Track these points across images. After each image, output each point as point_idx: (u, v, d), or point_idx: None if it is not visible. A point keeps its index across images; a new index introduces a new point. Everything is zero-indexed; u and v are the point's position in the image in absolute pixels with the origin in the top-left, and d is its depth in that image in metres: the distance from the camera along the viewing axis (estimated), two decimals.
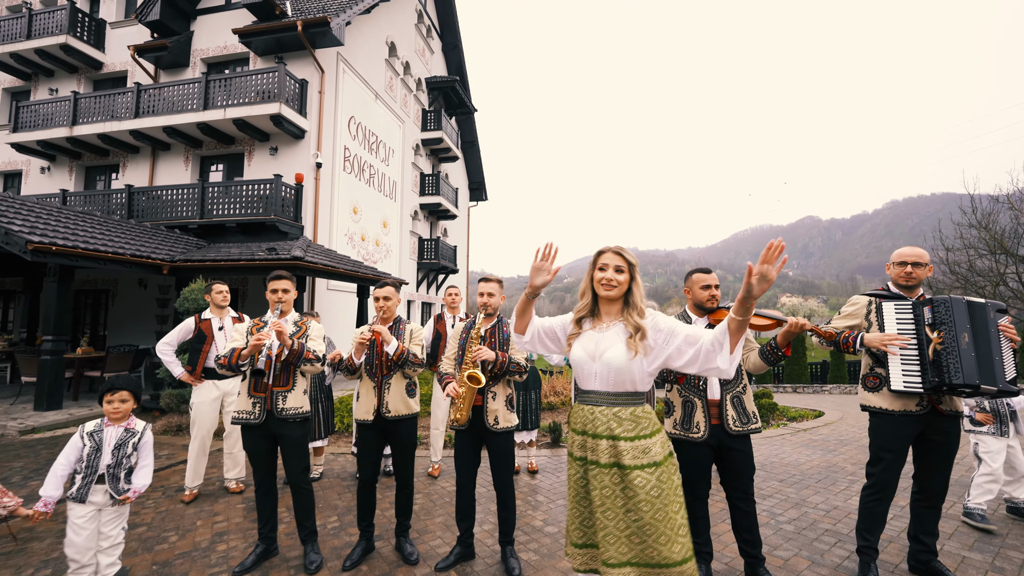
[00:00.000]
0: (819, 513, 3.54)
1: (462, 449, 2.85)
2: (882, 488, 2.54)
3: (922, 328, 2.41)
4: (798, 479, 4.35)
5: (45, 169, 13.01)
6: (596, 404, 1.81)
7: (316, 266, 8.04)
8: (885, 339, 2.42)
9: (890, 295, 2.62)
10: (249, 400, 2.86)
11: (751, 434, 2.48)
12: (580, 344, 1.86)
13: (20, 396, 7.57)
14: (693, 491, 2.55)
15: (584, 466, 1.81)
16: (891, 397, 2.50)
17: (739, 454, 2.44)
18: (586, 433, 1.81)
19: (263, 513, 2.94)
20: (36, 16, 12.50)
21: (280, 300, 2.97)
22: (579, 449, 1.84)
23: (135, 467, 2.54)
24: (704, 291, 2.59)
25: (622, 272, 1.82)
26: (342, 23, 11.05)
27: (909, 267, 2.55)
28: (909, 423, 2.47)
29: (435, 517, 3.59)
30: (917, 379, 2.39)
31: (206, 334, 4.07)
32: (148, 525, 3.50)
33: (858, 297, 2.74)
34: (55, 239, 6.32)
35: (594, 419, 1.79)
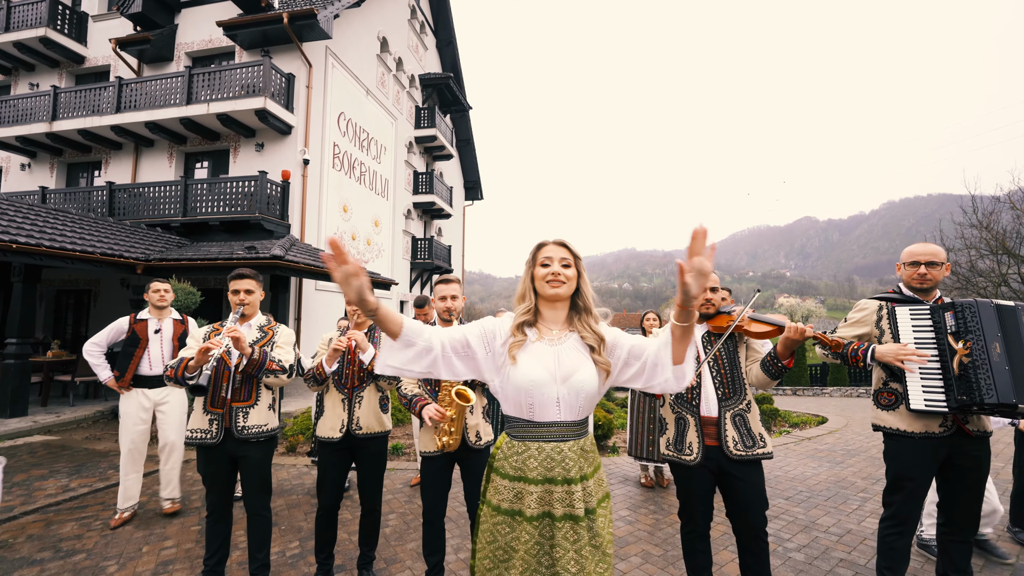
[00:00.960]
0: (831, 538, 3.21)
1: (433, 476, 2.47)
2: (903, 520, 2.21)
3: (944, 337, 2.08)
4: (805, 497, 4.02)
5: (26, 166, 12.63)
6: (563, 439, 1.43)
7: (298, 265, 7.69)
8: (901, 352, 2.09)
9: (904, 298, 2.29)
10: (205, 417, 2.52)
11: (761, 460, 2.13)
12: (532, 359, 1.42)
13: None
14: (691, 520, 2.23)
15: (548, 526, 1.39)
16: (910, 417, 2.17)
17: (744, 484, 2.08)
18: (553, 481, 1.41)
19: (212, 542, 2.58)
20: (15, 8, 12.12)
21: (242, 302, 2.62)
22: (538, 504, 1.39)
23: None
24: None
25: (569, 266, 1.49)
26: (330, 16, 10.71)
27: (923, 267, 2.22)
28: (932, 447, 2.14)
29: (407, 543, 3.25)
30: (940, 396, 2.06)
31: (140, 337, 3.66)
32: (88, 552, 3.15)
33: (867, 301, 2.41)
34: (16, 236, 5.96)
35: (563, 459, 1.41)
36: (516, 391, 1.41)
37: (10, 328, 6.50)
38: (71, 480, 4.55)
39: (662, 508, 3.77)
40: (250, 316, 2.72)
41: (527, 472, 1.41)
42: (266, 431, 2.61)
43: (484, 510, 1.48)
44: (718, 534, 3.24)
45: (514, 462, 1.43)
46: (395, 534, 3.39)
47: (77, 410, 7.01)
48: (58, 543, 3.28)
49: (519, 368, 1.40)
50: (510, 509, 1.41)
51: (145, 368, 3.67)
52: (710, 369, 2.21)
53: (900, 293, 2.33)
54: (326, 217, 11.64)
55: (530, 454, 1.42)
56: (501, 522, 1.42)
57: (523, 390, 1.40)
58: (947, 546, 2.20)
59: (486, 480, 1.51)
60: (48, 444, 5.77)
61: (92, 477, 4.66)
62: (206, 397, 2.53)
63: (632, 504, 3.89)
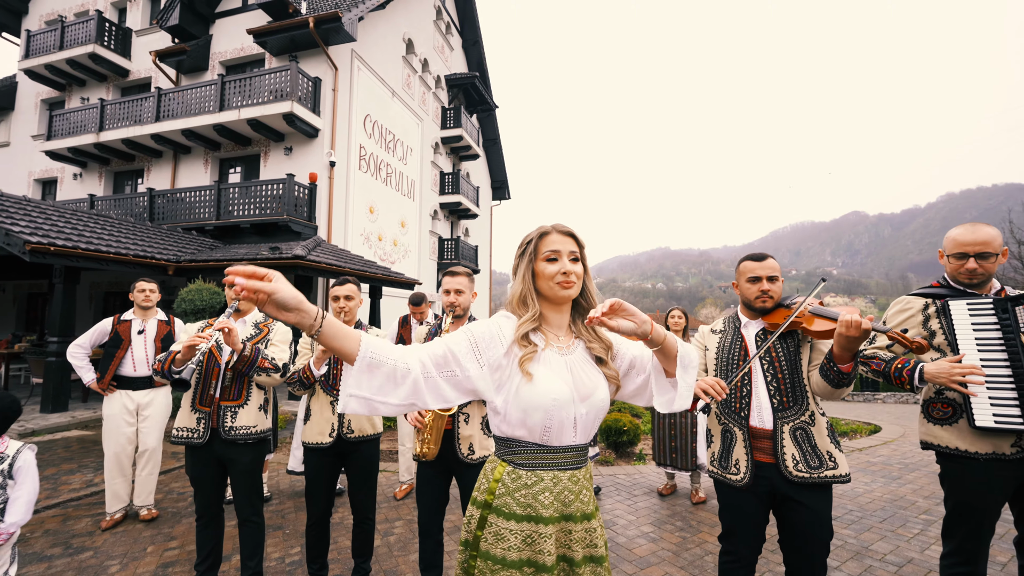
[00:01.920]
0: (888, 569, 2.78)
1: (426, 484, 2.29)
2: (967, 558, 1.80)
3: (1016, 337, 1.69)
4: (857, 517, 3.56)
5: (77, 176, 13.41)
6: (577, 466, 1.20)
7: (319, 265, 7.72)
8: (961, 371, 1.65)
9: (955, 291, 1.88)
10: (193, 415, 2.41)
11: (832, 483, 1.74)
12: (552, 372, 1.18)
13: (31, 397, 7.59)
14: (733, 548, 1.88)
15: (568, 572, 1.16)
16: (973, 435, 1.76)
17: (806, 511, 1.71)
18: (572, 518, 1.16)
19: (203, 547, 2.47)
20: (68, 28, 12.90)
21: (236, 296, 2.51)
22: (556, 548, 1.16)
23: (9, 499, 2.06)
24: (752, 285, 1.91)
25: (577, 261, 1.24)
26: (354, 18, 10.80)
27: (971, 261, 1.82)
28: (1001, 471, 1.73)
29: (410, 553, 3.06)
30: (1015, 411, 1.66)
31: (122, 338, 3.58)
32: (95, 550, 3.12)
33: (909, 299, 2.00)
34: (55, 240, 6.21)
35: (580, 491, 1.18)
36: (529, 411, 1.15)
37: (51, 328, 6.79)
38: (96, 475, 4.64)
39: (690, 525, 3.42)
40: (246, 312, 2.61)
41: (540, 509, 1.15)
42: (256, 433, 2.48)
43: (480, 565, 1.16)
44: None
45: (522, 497, 1.16)
46: (399, 543, 3.21)
47: None
48: (70, 539, 3.28)
49: (537, 385, 1.14)
50: (520, 560, 1.12)
51: (128, 369, 3.58)
52: (764, 373, 1.84)
53: (947, 286, 1.93)
54: (352, 218, 11.75)
55: (544, 486, 1.16)
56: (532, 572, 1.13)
57: (541, 409, 1.14)
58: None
59: (478, 526, 1.20)
60: (83, 439, 5.97)
61: (99, 475, 4.73)
62: (194, 394, 2.43)
63: (657, 519, 3.56)
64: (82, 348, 3.63)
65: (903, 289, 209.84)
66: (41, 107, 14.56)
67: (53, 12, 14.69)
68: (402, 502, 3.95)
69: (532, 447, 1.18)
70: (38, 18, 14.93)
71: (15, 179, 14.57)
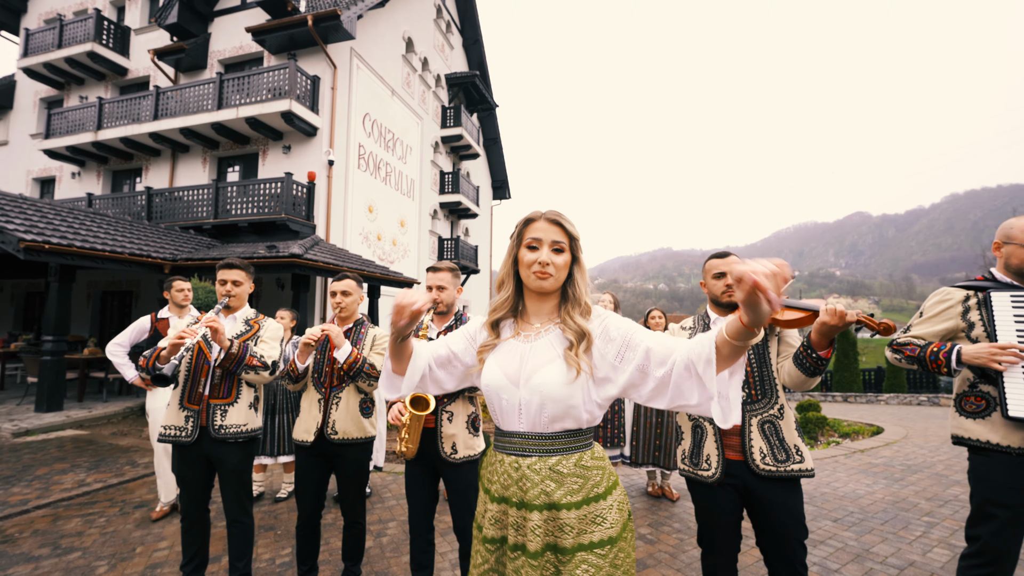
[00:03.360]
0: (890, 572, 2.71)
1: (413, 484, 2.24)
2: (993, 559, 1.74)
3: None
4: (858, 519, 3.50)
5: (75, 174, 13.38)
6: (523, 453, 1.17)
7: (317, 264, 7.67)
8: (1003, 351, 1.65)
9: (1000, 284, 1.84)
10: (181, 413, 2.36)
11: (799, 477, 1.75)
12: (496, 361, 1.22)
13: (26, 396, 7.55)
14: (711, 550, 1.87)
15: (500, 551, 1.17)
16: (1006, 427, 1.72)
17: (776, 508, 1.71)
18: (508, 501, 1.16)
19: (188, 548, 2.42)
20: (67, 26, 12.86)
21: (229, 293, 2.46)
22: (494, 526, 1.19)
23: None
24: (717, 281, 1.91)
25: (561, 252, 1.21)
26: (353, 16, 10.75)
27: None
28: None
29: (403, 555, 3.00)
30: None
31: (162, 335, 3.64)
32: (83, 551, 3.08)
33: (949, 290, 1.95)
34: (50, 237, 6.17)
35: (521, 478, 1.14)
36: (486, 395, 1.25)
37: (46, 327, 6.75)
38: (88, 475, 4.60)
39: (688, 527, 3.36)
40: (236, 308, 2.55)
41: (490, 486, 1.24)
42: (245, 431, 2.43)
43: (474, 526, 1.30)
44: (751, 559, 2.82)
45: (487, 471, 1.28)
46: (392, 544, 3.15)
47: (109, 406, 7.22)
48: (59, 540, 3.24)
49: (485, 372, 1.23)
50: (478, 524, 1.27)
51: None
52: None
53: (993, 279, 1.88)
54: (351, 217, 11.70)
55: (494, 467, 1.24)
56: (475, 542, 1.26)
57: (489, 394, 1.23)
58: None
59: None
60: (77, 438, 5.92)
61: (108, 472, 4.69)
62: (183, 392, 2.38)
63: (654, 521, 3.50)
64: (121, 347, 3.68)
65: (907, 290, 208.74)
66: (40, 106, 14.54)
67: (52, 11, 14.67)
68: (397, 503, 3.89)
69: (497, 430, 1.28)
70: (37, 16, 14.91)
71: (13, 178, 14.55)
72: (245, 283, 2.55)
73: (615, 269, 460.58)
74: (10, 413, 6.66)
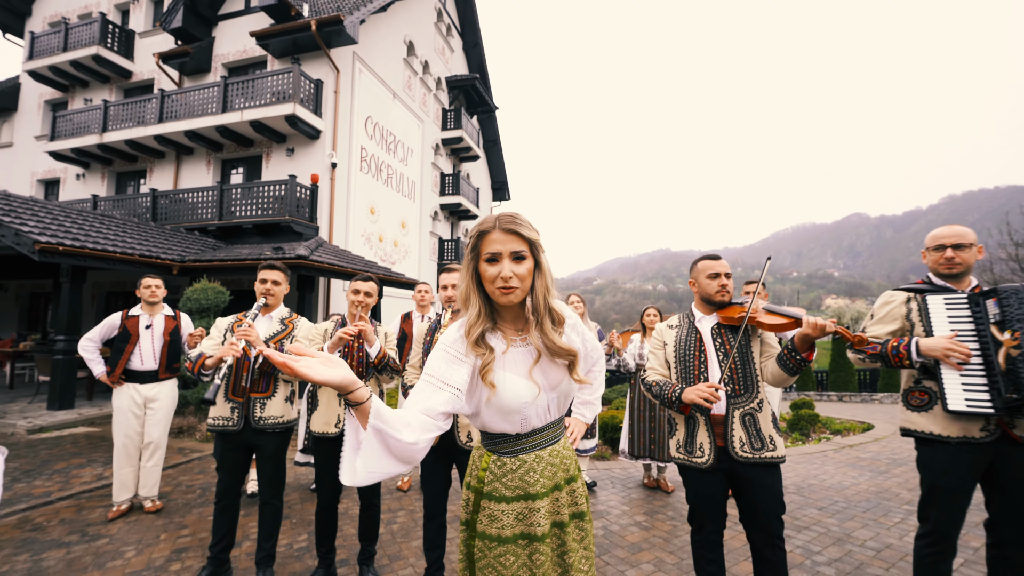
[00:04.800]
0: (867, 554, 2.92)
1: (428, 470, 2.43)
2: (940, 538, 1.95)
3: (986, 327, 1.84)
4: (842, 507, 3.70)
5: (80, 176, 13.52)
6: (554, 440, 1.32)
7: (321, 265, 7.85)
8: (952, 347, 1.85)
9: (935, 287, 2.05)
10: (227, 405, 2.60)
11: (773, 463, 1.95)
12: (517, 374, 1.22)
13: (37, 395, 7.71)
14: (700, 527, 2.07)
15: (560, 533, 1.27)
16: (946, 419, 1.92)
17: (758, 487, 1.92)
18: (559, 487, 1.28)
19: (218, 530, 2.63)
20: (72, 30, 13.01)
21: (268, 292, 2.69)
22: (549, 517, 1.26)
23: None
24: (712, 281, 2.10)
25: (523, 259, 1.17)
26: (356, 21, 10.93)
27: (948, 251, 1.98)
28: (971, 454, 1.89)
29: (412, 540, 3.19)
30: (984, 395, 1.81)
31: (131, 332, 3.69)
32: (111, 538, 3.26)
33: (892, 293, 2.16)
34: (63, 239, 6.34)
35: (563, 460, 1.31)
36: (505, 414, 1.22)
37: (58, 326, 6.91)
38: (105, 469, 4.77)
39: (681, 514, 3.56)
40: (273, 307, 2.77)
41: (530, 487, 1.23)
42: (282, 423, 2.66)
43: (478, 544, 1.25)
44: (739, 544, 3.01)
45: (510, 481, 1.24)
46: (402, 531, 3.34)
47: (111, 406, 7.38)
48: (86, 528, 3.42)
49: (502, 394, 1.19)
50: (514, 535, 1.22)
51: (136, 363, 3.68)
52: (720, 364, 2.04)
53: (930, 283, 2.09)
54: (353, 219, 11.88)
55: (528, 467, 1.25)
56: (506, 552, 1.21)
57: (515, 412, 1.21)
58: (997, 571, 1.92)
59: (472, 511, 1.30)
60: (90, 435, 6.09)
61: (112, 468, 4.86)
62: (227, 386, 2.59)
63: (649, 509, 3.70)
64: (92, 342, 3.76)
65: None
66: (44, 108, 14.68)
67: (56, 14, 14.82)
68: (405, 494, 4.08)
69: (512, 437, 1.26)
70: (41, 20, 15.04)
71: (18, 179, 14.68)
72: (283, 284, 2.78)
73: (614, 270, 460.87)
74: (23, 411, 6.82)
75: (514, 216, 1.19)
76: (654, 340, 2.29)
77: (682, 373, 2.11)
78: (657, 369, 2.21)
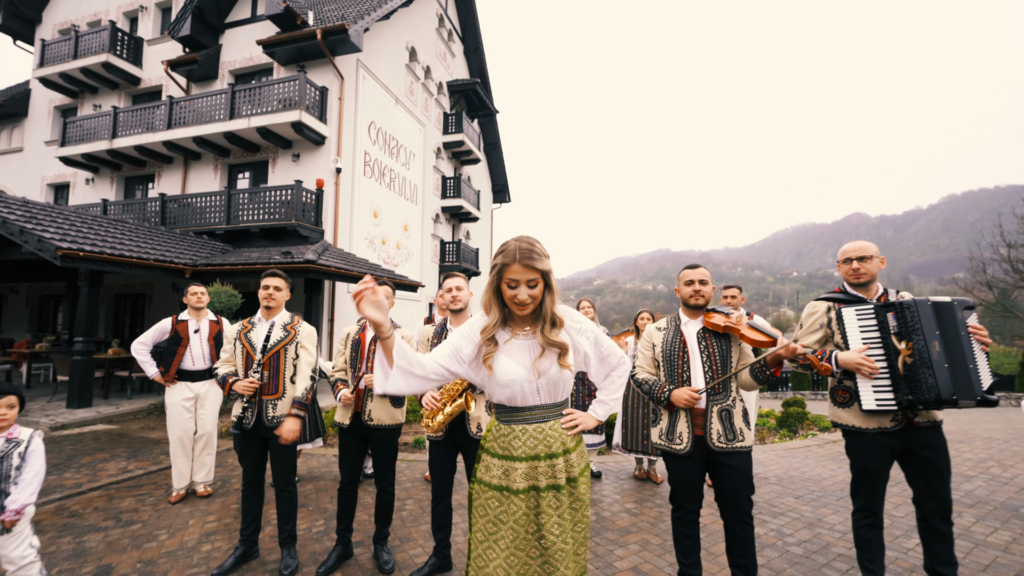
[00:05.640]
0: (834, 535, 3.21)
1: (438, 458, 2.74)
2: (870, 512, 2.29)
3: (888, 337, 2.15)
4: (817, 496, 3.99)
5: (89, 180, 13.84)
6: (544, 420, 1.61)
7: (329, 269, 8.14)
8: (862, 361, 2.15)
9: (848, 298, 2.35)
10: (242, 405, 2.88)
11: (744, 452, 2.24)
12: (513, 359, 1.57)
13: (56, 394, 8.01)
14: (682, 508, 2.37)
15: (535, 497, 1.55)
16: (863, 415, 2.24)
17: (732, 471, 2.22)
18: (538, 457, 1.56)
19: (247, 515, 2.94)
20: (82, 37, 13.33)
21: (270, 297, 2.96)
22: (525, 479, 1.55)
23: None
24: (687, 287, 2.41)
25: (536, 285, 1.53)
26: (360, 30, 11.22)
27: (854, 263, 2.31)
28: (886, 441, 2.22)
29: (420, 525, 3.49)
30: (889, 396, 2.13)
31: (181, 336, 4.06)
32: (143, 523, 3.56)
33: (815, 304, 2.48)
34: (83, 245, 6.63)
35: (546, 437, 1.59)
36: (497, 389, 1.59)
37: (76, 328, 7.21)
38: (129, 463, 5.07)
39: (667, 502, 3.83)
40: (275, 311, 3.02)
41: (513, 451, 1.58)
42: None
43: (476, 488, 1.64)
44: (719, 527, 3.30)
45: (501, 443, 1.60)
46: (411, 517, 3.64)
47: (134, 402, 7.69)
48: (119, 514, 3.71)
49: (497, 374, 1.56)
50: (499, 485, 1.56)
51: (188, 363, 4.07)
52: (703, 365, 2.33)
53: (844, 292, 2.40)
54: (358, 223, 12.17)
55: (515, 435, 1.59)
56: (491, 497, 1.57)
57: (505, 388, 1.57)
58: (927, 539, 2.23)
59: (477, 460, 1.68)
60: (109, 432, 6.39)
61: (147, 461, 5.17)
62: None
63: (639, 498, 3.99)
64: (145, 345, 4.12)
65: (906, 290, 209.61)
66: (54, 113, 14.99)
67: (66, 21, 15.13)
68: (412, 485, 4.37)
69: (507, 408, 1.62)
70: (51, 27, 15.36)
71: (29, 184, 15.00)
72: (284, 290, 3.05)
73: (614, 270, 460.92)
74: (44, 409, 7.12)
75: (531, 249, 1.52)
76: (644, 341, 2.59)
77: (668, 372, 2.40)
78: (645, 368, 2.51)
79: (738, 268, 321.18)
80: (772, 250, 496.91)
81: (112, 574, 2.83)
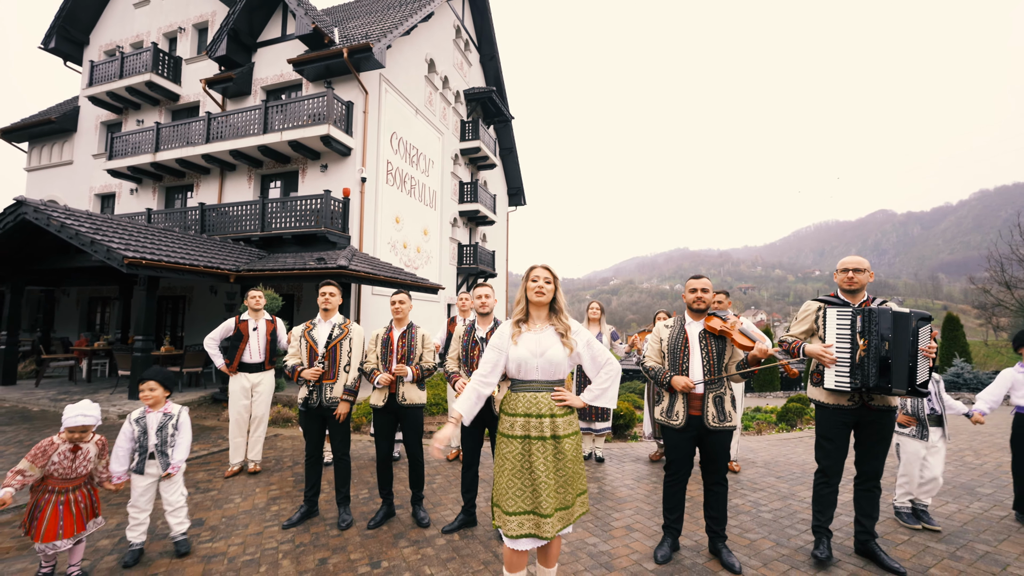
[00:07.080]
0: (802, 506, 3.74)
1: (468, 434, 3.38)
2: (830, 475, 2.83)
3: (855, 335, 2.68)
4: (796, 476, 4.50)
5: (133, 191, 14.90)
6: (538, 391, 2.23)
7: (359, 273, 8.85)
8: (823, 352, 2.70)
9: (836, 301, 2.88)
10: (306, 388, 3.55)
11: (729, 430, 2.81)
12: (523, 344, 2.24)
13: (117, 387, 8.90)
14: (674, 472, 2.92)
15: (527, 443, 2.17)
16: (827, 393, 2.80)
17: (718, 444, 2.82)
18: (530, 415, 2.19)
19: (309, 480, 3.61)
20: (127, 58, 14.38)
21: (327, 302, 3.63)
22: (521, 429, 2.18)
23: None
24: (690, 294, 2.96)
25: (550, 283, 2.28)
26: (383, 47, 11.95)
27: (850, 272, 2.82)
28: (844, 415, 2.77)
29: (449, 493, 4.12)
30: (846, 379, 2.67)
31: (243, 333, 4.76)
32: (219, 490, 4.26)
33: (809, 303, 3.02)
34: (144, 254, 7.46)
35: (537, 403, 2.20)
36: (510, 362, 2.27)
37: (135, 328, 8.05)
38: (196, 444, 5.81)
39: (661, 483, 4.40)
40: (331, 313, 3.69)
41: (516, 409, 2.23)
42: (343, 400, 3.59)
43: (500, 439, 2.28)
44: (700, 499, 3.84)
45: (507, 405, 2.27)
46: (440, 488, 4.27)
47: (185, 395, 8.52)
48: (197, 483, 4.43)
49: (515, 349, 2.25)
50: (506, 433, 2.23)
51: (247, 357, 4.76)
52: (701, 359, 2.88)
53: (837, 296, 2.91)
54: (381, 228, 12.92)
55: (518, 399, 2.24)
56: (508, 443, 2.22)
57: (518, 361, 2.24)
58: (858, 495, 2.77)
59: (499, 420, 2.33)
60: None
61: (208, 443, 5.92)
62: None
63: (638, 476, 4.56)
64: (214, 341, 4.84)
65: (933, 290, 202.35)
66: (101, 128, 16.14)
67: (111, 42, 16.26)
68: (439, 464, 5.01)
69: (516, 381, 2.28)
70: (98, 48, 16.51)
71: (78, 194, 16.18)
72: (337, 295, 3.71)
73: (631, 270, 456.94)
74: (109, 399, 7.99)
75: (548, 264, 2.31)
76: (653, 335, 3.16)
77: (671, 362, 2.96)
78: (653, 357, 3.07)
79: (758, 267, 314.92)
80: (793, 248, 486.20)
81: (205, 525, 3.52)
